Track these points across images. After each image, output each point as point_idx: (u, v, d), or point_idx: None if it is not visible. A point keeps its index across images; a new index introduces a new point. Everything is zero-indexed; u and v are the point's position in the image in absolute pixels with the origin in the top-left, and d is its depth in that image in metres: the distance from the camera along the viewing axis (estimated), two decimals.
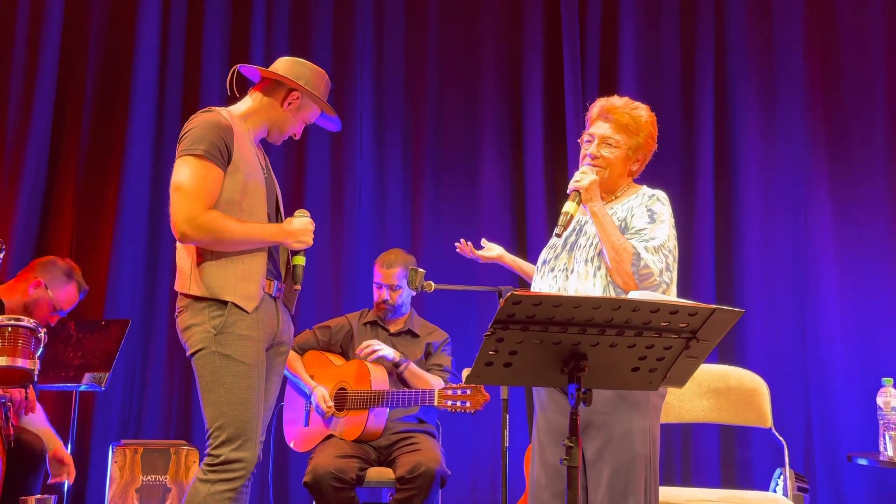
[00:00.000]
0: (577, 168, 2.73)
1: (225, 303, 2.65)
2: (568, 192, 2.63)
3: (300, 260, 2.84)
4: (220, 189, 2.69)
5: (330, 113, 2.96)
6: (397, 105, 5.11)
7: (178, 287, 2.73)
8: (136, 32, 4.93)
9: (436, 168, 5.06)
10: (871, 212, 4.85)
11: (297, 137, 2.98)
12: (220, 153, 2.68)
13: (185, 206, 2.63)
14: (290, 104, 2.86)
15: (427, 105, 5.09)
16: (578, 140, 2.78)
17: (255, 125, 2.87)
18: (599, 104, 2.73)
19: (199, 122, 2.71)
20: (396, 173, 5.06)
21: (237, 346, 2.63)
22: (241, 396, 2.61)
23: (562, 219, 2.59)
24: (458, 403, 3.56)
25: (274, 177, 2.93)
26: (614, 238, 2.54)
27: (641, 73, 5.03)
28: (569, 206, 2.60)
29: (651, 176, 4.71)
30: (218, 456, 2.60)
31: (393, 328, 4.02)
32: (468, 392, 3.56)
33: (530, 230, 4.90)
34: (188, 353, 2.70)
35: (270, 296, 2.77)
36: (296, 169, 5.02)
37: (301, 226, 2.78)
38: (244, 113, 2.86)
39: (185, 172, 2.66)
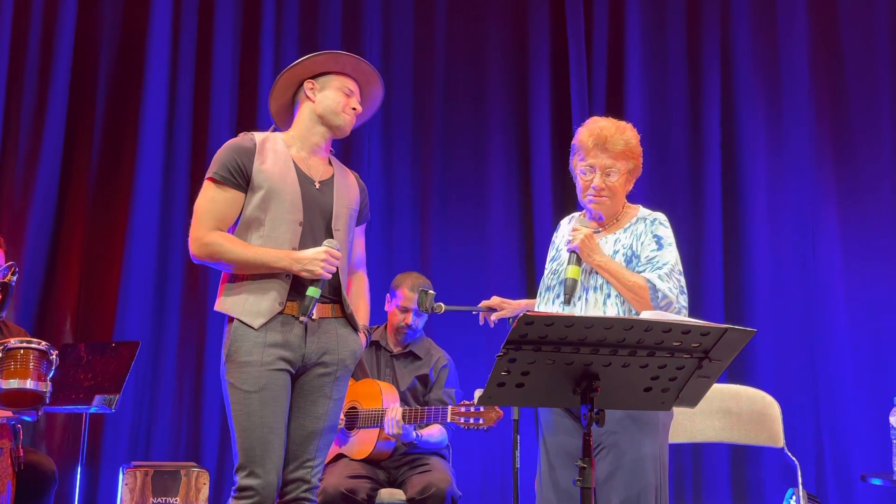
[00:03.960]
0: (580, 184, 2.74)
1: (233, 320, 2.71)
2: (567, 250, 2.64)
3: (312, 291, 2.69)
4: (237, 208, 2.76)
5: (351, 78, 2.86)
6: (405, 124, 5.13)
7: None
8: (147, 43, 4.93)
9: (444, 186, 5.07)
10: (879, 228, 4.84)
11: (359, 109, 2.88)
12: (232, 173, 2.74)
13: (193, 227, 2.76)
14: (313, 91, 2.84)
15: (434, 123, 5.11)
16: (571, 168, 2.78)
17: (306, 133, 2.85)
18: (591, 132, 2.71)
19: (223, 146, 2.83)
20: (404, 192, 5.07)
21: (237, 373, 2.68)
22: (243, 425, 2.67)
23: (566, 286, 2.59)
24: (472, 420, 3.55)
25: (339, 193, 2.84)
26: (626, 280, 2.56)
27: (648, 91, 5.04)
28: (570, 271, 2.60)
29: (659, 193, 4.77)
30: (236, 482, 2.69)
31: (396, 349, 4.00)
32: (481, 409, 3.55)
33: (538, 248, 4.90)
34: None
35: (296, 318, 2.72)
36: None
37: (309, 254, 2.70)
38: (290, 132, 2.88)
39: (199, 195, 2.79)
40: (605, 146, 2.68)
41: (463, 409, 3.57)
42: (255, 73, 5.01)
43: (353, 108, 2.87)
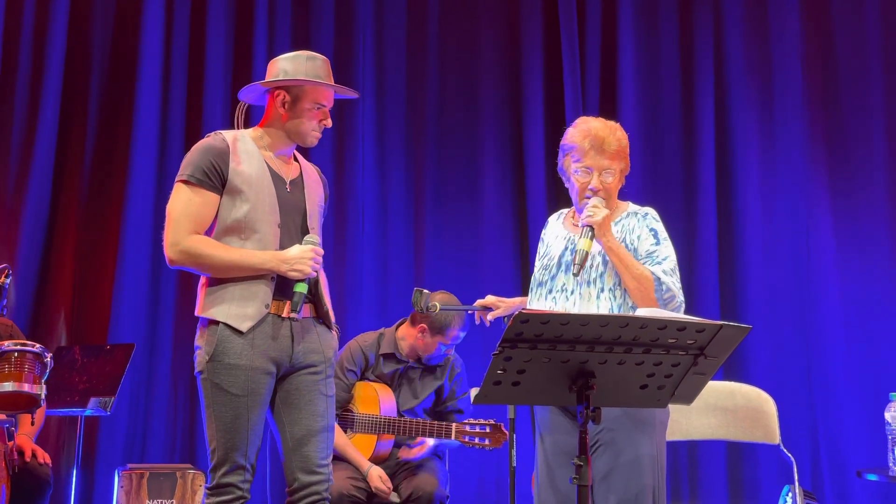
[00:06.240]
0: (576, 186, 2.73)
1: (218, 323, 2.67)
2: (580, 225, 2.61)
3: (300, 287, 2.70)
4: (214, 211, 2.72)
5: (327, 89, 2.81)
6: (399, 125, 5.12)
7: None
8: (140, 47, 4.91)
9: (438, 188, 5.07)
10: (872, 226, 4.85)
11: (329, 125, 2.84)
12: (209, 176, 2.69)
13: (169, 232, 2.71)
14: (284, 104, 2.78)
15: (428, 125, 5.11)
16: (562, 168, 2.78)
17: (273, 139, 2.82)
18: (585, 133, 2.71)
19: (193, 148, 2.77)
20: (399, 193, 5.07)
21: (225, 375, 2.66)
22: (227, 425, 2.66)
23: (578, 256, 2.56)
24: (477, 440, 3.54)
25: (309, 192, 2.85)
26: (633, 269, 2.57)
27: (641, 92, 5.05)
28: (583, 244, 2.57)
29: (653, 191, 4.77)
30: (213, 479, 2.69)
31: (412, 359, 3.89)
32: (487, 429, 3.53)
33: (532, 247, 4.89)
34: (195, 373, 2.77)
35: (282, 318, 2.72)
36: None
37: (296, 253, 2.69)
38: (257, 132, 2.84)
39: (172, 198, 2.74)
40: (601, 147, 2.68)
41: (468, 429, 3.55)
42: (247, 80, 4.99)
43: (323, 123, 2.82)
